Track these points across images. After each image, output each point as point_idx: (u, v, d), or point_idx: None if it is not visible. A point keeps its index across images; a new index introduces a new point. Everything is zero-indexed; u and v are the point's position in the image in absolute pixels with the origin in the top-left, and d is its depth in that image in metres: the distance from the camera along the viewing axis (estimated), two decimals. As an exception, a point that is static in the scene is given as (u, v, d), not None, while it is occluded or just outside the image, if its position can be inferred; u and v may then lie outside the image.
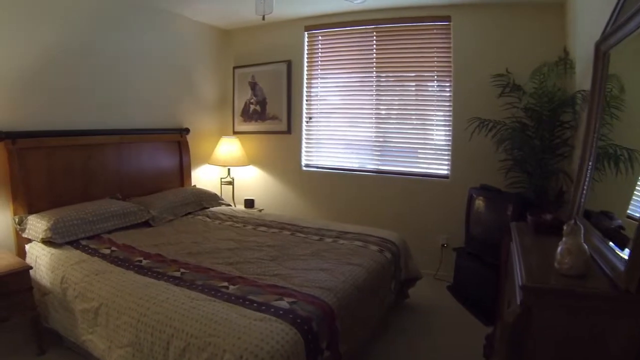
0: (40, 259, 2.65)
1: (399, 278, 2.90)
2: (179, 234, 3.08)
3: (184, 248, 2.73)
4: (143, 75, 3.80)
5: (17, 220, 2.82)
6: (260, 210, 4.18)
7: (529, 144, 2.98)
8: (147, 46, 3.80)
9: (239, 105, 4.65)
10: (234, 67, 4.62)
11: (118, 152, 3.58)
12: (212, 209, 3.83)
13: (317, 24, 4.14)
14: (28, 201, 2.88)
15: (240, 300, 1.95)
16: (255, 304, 1.91)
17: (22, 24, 2.86)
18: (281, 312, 1.83)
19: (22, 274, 2.39)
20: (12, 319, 2.33)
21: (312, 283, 2.16)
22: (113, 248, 2.70)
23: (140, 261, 2.48)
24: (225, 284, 2.14)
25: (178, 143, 4.16)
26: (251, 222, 3.38)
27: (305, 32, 4.22)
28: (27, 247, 2.82)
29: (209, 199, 3.94)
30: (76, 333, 2.26)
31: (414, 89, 3.91)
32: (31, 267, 2.47)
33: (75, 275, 2.34)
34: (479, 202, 3.22)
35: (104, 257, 2.55)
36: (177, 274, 2.28)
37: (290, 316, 1.80)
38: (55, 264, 2.54)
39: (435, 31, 3.72)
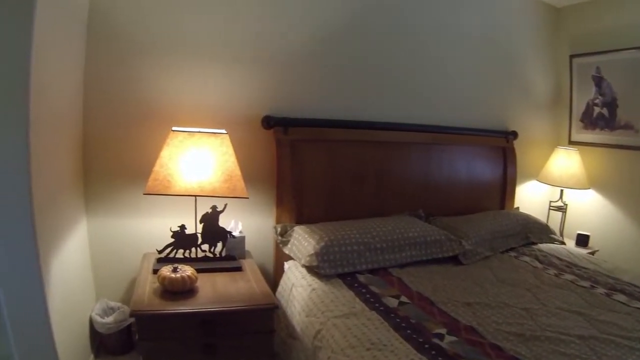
0: (297, 290, 1.79)
1: None
2: (500, 286, 1.94)
3: (509, 319, 1.59)
4: (459, 59, 2.83)
5: (278, 230, 2.11)
6: (593, 253, 2.91)
7: None
8: (463, 23, 2.81)
9: (579, 107, 3.32)
10: (571, 56, 3.26)
11: (427, 155, 2.65)
12: (541, 245, 2.58)
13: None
14: (297, 207, 2.21)
15: None
16: None
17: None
18: None
19: (263, 313, 1.59)
20: None
21: None
22: (403, 298, 1.71)
23: (442, 337, 1.43)
24: None
25: (502, 150, 3.04)
26: (601, 282, 2.04)
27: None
28: (286, 265, 2.05)
29: (537, 230, 2.67)
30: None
31: None
32: (277, 307, 1.64)
33: (337, 337, 1.43)
34: None
35: (386, 313, 1.57)
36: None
37: None
38: (313, 306, 1.63)
39: None
